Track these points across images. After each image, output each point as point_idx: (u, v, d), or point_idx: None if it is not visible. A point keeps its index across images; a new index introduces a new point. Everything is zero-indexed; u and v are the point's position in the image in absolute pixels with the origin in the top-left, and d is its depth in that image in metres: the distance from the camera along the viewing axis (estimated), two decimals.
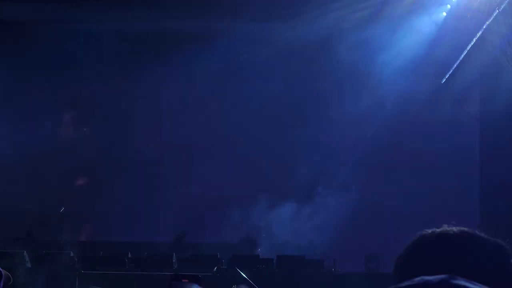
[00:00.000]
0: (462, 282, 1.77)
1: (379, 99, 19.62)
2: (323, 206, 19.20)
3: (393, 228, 18.50)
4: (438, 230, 2.17)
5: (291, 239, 18.89)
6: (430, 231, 2.19)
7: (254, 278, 14.86)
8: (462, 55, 18.22)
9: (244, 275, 14.85)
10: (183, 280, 12.97)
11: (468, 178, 19.74)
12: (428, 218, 18.63)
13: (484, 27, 16.48)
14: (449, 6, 17.87)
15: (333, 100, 20.02)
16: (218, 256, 16.27)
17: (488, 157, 19.40)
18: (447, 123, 19.87)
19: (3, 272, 4.69)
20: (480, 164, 19.76)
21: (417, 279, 1.81)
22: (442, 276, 1.80)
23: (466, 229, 2.14)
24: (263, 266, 15.92)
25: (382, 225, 19.11)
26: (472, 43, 17.46)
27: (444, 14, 18.17)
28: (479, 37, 16.94)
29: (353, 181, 19.66)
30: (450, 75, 19.33)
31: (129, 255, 16.78)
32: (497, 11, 15.59)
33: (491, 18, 16.01)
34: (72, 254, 16.08)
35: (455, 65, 18.83)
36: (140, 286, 15.33)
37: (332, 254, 17.77)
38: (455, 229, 2.13)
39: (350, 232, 19.05)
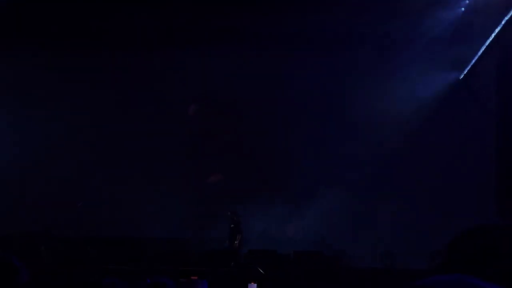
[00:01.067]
0: (475, 281, 1.78)
1: (397, 95, 19.56)
2: (336, 203, 19.18)
3: (408, 224, 18.47)
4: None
5: (305, 236, 18.90)
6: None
7: (271, 273, 14.89)
8: (480, 51, 18.13)
9: (261, 271, 14.89)
10: (192, 278, 13.03)
11: (485, 174, 19.64)
12: (444, 214, 18.61)
13: (502, 22, 16.40)
14: (467, 1, 17.78)
15: (353, 95, 20.01)
16: (236, 251, 16.29)
17: (505, 154, 19.31)
18: (464, 119, 19.77)
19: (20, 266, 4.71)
20: (497, 161, 19.66)
21: (431, 278, 1.82)
22: (455, 275, 1.81)
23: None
24: (280, 262, 15.92)
25: (396, 222, 19.04)
26: (490, 39, 17.37)
27: (463, 9, 18.09)
28: (497, 32, 16.86)
29: (368, 176, 19.63)
30: (468, 71, 19.26)
31: (148, 251, 16.83)
32: None
33: (510, 14, 15.94)
34: (90, 250, 16.16)
35: (473, 61, 18.75)
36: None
37: (347, 250, 17.76)
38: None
39: (366, 228, 19.05)
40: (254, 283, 14.29)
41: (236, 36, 19.63)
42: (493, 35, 17.19)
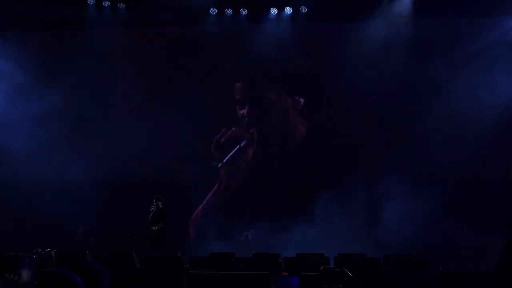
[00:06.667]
0: None
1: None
2: (423, 203, 18.85)
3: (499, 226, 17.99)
4: None
5: (393, 239, 18.60)
6: None
7: (361, 277, 14.72)
8: None
9: (351, 274, 14.73)
10: (283, 273, 13.10)
11: None
12: None
13: None
14: None
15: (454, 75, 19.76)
16: (325, 255, 16.18)
17: None
18: None
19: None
20: None
21: None
22: None
23: None
24: (370, 265, 15.75)
25: (491, 224, 18.59)
26: None
27: None
28: None
29: (455, 176, 19.26)
30: None
31: (235, 255, 16.85)
32: None
33: None
34: (179, 254, 16.26)
35: None
36: (247, 285, 15.34)
37: (440, 253, 17.44)
38: None
39: (458, 230, 18.67)
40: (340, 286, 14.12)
41: None
42: None
